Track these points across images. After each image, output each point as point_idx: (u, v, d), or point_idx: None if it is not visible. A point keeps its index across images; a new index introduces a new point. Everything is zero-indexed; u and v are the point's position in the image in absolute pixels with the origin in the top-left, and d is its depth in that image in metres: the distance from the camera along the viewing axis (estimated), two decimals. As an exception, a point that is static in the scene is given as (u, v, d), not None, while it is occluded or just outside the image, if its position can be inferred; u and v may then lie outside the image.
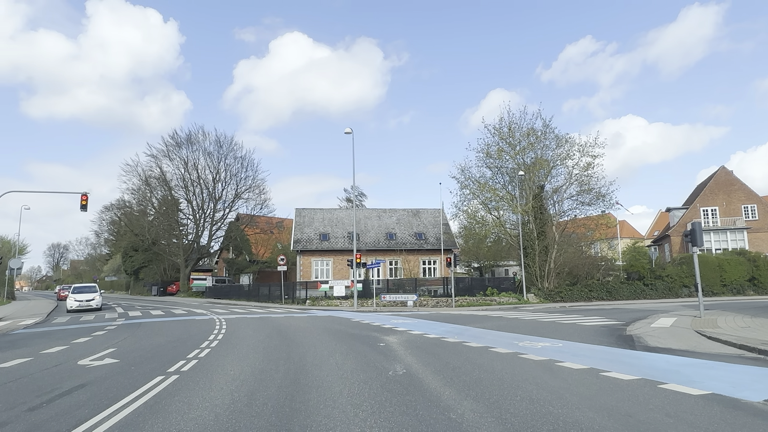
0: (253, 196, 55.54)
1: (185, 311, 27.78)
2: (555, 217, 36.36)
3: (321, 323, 19.46)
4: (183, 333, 16.48)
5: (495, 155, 35.50)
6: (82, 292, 30.05)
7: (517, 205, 33.63)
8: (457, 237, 55.31)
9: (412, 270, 49.80)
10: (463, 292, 32.32)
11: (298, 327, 17.84)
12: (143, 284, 62.94)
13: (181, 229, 55.80)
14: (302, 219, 52.15)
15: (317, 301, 34.52)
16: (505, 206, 35.62)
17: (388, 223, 52.80)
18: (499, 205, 35.60)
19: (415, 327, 17.23)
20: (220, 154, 53.05)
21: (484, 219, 37.33)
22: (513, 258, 59.47)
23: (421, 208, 56.23)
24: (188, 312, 27.12)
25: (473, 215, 37.12)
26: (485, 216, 37.31)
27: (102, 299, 31.48)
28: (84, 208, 27.89)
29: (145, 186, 52.06)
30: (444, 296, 32.44)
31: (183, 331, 17.26)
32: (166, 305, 37.08)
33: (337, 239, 49.60)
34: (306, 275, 47.64)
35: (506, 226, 36.65)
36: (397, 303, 31.06)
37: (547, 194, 36.92)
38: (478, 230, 37.95)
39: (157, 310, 29.09)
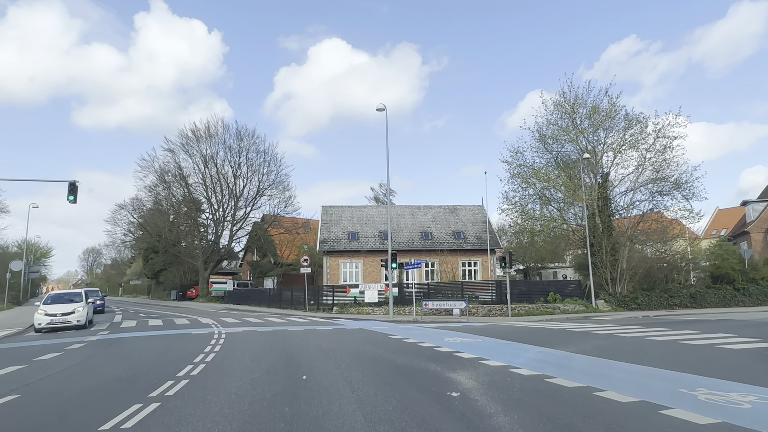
0: (276, 192, 50.85)
1: (188, 321, 22.96)
2: (625, 209, 30.38)
3: (351, 343, 14.22)
4: (155, 360, 11.48)
5: (554, 135, 29.75)
6: (58, 301, 20.45)
7: (582, 194, 27.78)
8: (501, 235, 49.47)
9: (450, 272, 44.43)
10: (517, 298, 26.69)
11: (320, 349, 12.62)
12: (163, 288, 59.09)
13: (201, 230, 51.54)
14: (329, 217, 47.28)
15: (346, 308, 29.40)
16: (565, 196, 29.75)
17: (423, 221, 47.50)
18: (559, 195, 29.77)
19: (484, 351, 11.83)
20: (240, 147, 48.70)
21: (540, 212, 31.51)
22: (563, 259, 53.36)
23: (458, 205, 50.76)
24: (191, 323, 22.28)
25: (525, 208, 31.35)
26: (541, 208, 31.46)
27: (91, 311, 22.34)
28: (73, 197, 23.39)
29: (162, 183, 48.02)
30: (493, 303, 26.86)
31: (159, 355, 12.26)
32: (175, 312, 32.50)
33: (367, 239, 44.51)
34: (333, 278, 42.72)
35: (567, 219, 30.75)
36: (440, 311, 25.70)
37: (612, 184, 31.01)
38: (530, 225, 32.18)
39: (158, 320, 24.37)
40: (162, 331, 18.15)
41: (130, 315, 29.01)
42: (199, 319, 24.98)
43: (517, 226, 33.97)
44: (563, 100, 29.81)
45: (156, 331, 18.48)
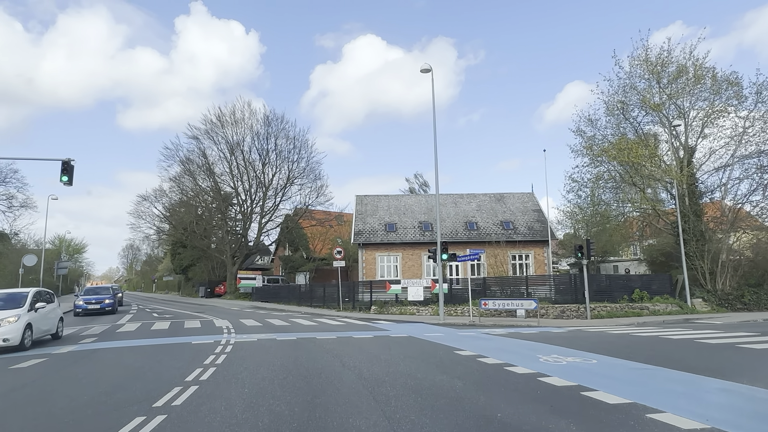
0: (307, 182, 46.80)
1: (199, 325, 18.96)
2: (718, 188, 24.95)
3: (404, 364, 9.73)
4: (101, 398, 7.26)
5: (632, 103, 24.51)
6: None
7: (674, 170, 22.50)
8: (556, 224, 44.16)
9: (498, 266, 39.60)
10: (594, 297, 21.67)
11: (360, 378, 8.22)
12: (192, 284, 56.10)
13: (229, 223, 47.96)
14: (364, 207, 43.04)
15: (386, 308, 25.03)
16: (651, 172, 24.45)
17: (467, 210, 42.76)
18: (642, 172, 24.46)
19: (626, 386, 7.23)
20: (268, 133, 44.82)
21: (615, 194, 26.26)
22: (622, 252, 47.66)
23: (505, 192, 45.79)
24: (201, 327, 18.31)
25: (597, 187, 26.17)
26: (616, 188, 26.20)
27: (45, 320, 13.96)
28: (67, 178, 19.71)
29: (187, 174, 44.65)
30: (565, 302, 21.92)
31: (114, 388, 8.05)
32: (193, 312, 28.80)
33: (406, 230, 40.09)
34: (369, 273, 38.50)
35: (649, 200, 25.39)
36: (501, 312, 21.04)
37: (699, 161, 25.57)
38: (604, 209, 27.03)
39: (166, 323, 20.51)
40: (159, 340, 14.12)
41: (141, 315, 25.41)
42: (214, 321, 21.01)
43: (584, 211, 28.78)
44: (645, 60, 24.45)
45: (153, 339, 14.48)
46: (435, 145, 22.18)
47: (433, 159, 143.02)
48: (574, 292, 21.37)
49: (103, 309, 24.98)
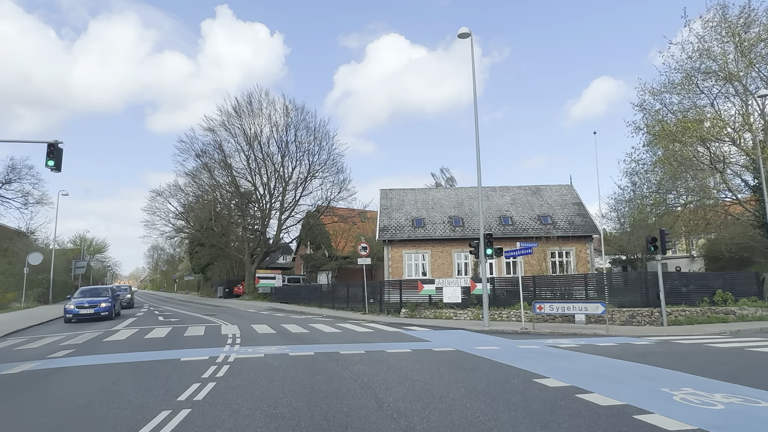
0: (329, 175, 43.78)
1: (202, 333, 15.96)
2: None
3: (468, 403, 6.48)
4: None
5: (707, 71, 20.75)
6: None
7: (761, 149, 18.73)
8: (602, 218, 40.29)
9: (536, 264, 36.15)
10: (666, 299, 18.03)
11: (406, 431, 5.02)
12: (211, 284, 53.71)
13: (247, 219, 45.23)
14: (389, 202, 39.92)
15: (418, 310, 21.84)
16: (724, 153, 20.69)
17: (501, 204, 39.31)
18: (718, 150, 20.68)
19: None
20: (288, 123, 41.94)
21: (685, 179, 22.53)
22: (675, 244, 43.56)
23: (542, 185, 42.18)
24: (204, 335, 15.36)
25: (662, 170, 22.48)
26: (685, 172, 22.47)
27: None
28: (53, 162, 17.02)
29: (204, 168, 42.05)
30: (637, 306, 18.34)
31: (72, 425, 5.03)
32: (204, 315, 26.04)
33: (435, 225, 36.88)
34: (396, 272, 35.41)
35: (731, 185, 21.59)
36: (555, 317, 17.66)
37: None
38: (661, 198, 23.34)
39: (168, 328, 17.69)
40: (145, 355, 11.18)
41: (144, 319, 22.68)
42: (222, 326, 18.07)
43: (645, 199, 25.07)
44: (722, 20, 20.66)
45: (138, 353, 11.55)
46: (476, 122, 18.89)
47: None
48: (644, 293, 17.82)
49: (98, 314, 20.89)
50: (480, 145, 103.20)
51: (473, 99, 18.86)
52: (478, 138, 19.01)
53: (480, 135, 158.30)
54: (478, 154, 18.81)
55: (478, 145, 19.05)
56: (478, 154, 18.90)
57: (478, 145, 19.05)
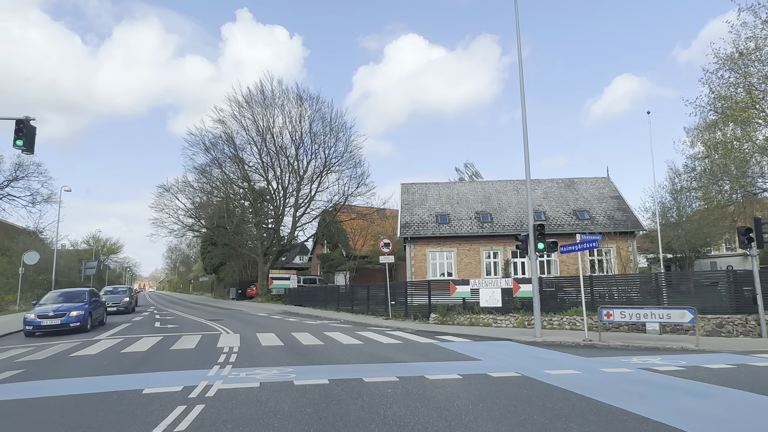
0: (346, 168, 40.70)
1: (193, 345, 12.98)
2: None
3: None
4: None
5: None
6: None
7: None
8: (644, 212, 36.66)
9: (574, 263, 32.90)
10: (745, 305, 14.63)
11: None
12: (224, 285, 51.17)
13: (260, 216, 42.38)
14: (411, 197, 36.89)
15: (450, 316, 18.72)
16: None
17: (532, 198, 35.82)
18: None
19: None
20: (301, 113, 39.01)
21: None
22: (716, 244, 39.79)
23: (576, 177, 38.76)
24: (194, 349, 12.40)
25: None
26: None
27: None
28: (22, 142, 14.31)
29: (214, 163, 39.35)
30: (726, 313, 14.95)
31: None
32: (205, 320, 23.27)
33: (461, 221, 33.74)
34: (419, 272, 32.40)
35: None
36: (621, 325, 14.41)
37: None
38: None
39: (157, 338, 14.82)
40: (103, 379, 8.30)
41: (138, 325, 19.91)
42: (222, 336, 15.14)
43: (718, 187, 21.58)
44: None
45: (100, 376, 8.69)
46: (522, 96, 15.73)
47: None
48: (731, 297, 14.42)
49: (66, 325, 15.83)
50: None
51: (519, 72, 15.73)
52: (524, 110, 15.84)
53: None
54: (525, 129, 15.64)
55: (524, 120, 15.87)
56: (525, 130, 15.73)
57: (524, 119, 15.88)
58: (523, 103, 15.77)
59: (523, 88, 15.79)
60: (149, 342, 13.49)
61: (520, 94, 15.75)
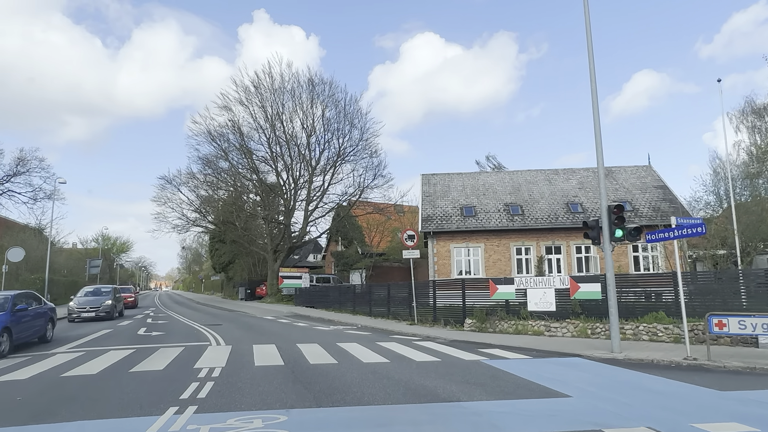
0: (361, 158, 37.31)
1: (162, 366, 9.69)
2: None
3: None
4: None
5: None
6: None
7: None
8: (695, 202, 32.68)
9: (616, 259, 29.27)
10: None
11: None
12: (233, 285, 48.28)
13: (269, 210, 39.12)
14: (432, 188, 33.56)
15: (490, 321, 15.31)
16: None
17: (566, 189, 32.44)
18: None
19: None
20: (313, 97, 35.70)
21: None
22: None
23: (614, 166, 35.10)
24: (159, 371, 9.15)
25: None
26: None
27: None
28: None
29: (220, 153, 36.26)
30: None
31: None
32: (206, 323, 20.16)
33: (489, 214, 30.32)
34: (443, 270, 29.11)
35: None
36: (720, 336, 10.92)
37: None
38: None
39: (121, 353, 11.58)
40: None
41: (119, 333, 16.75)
42: (208, 348, 11.92)
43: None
44: None
45: None
46: (591, 59, 12.28)
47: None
48: None
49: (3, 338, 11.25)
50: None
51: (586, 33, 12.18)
52: (593, 70, 12.41)
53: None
54: (594, 91, 12.21)
55: (594, 82, 12.43)
56: (594, 92, 12.30)
57: (594, 82, 12.44)
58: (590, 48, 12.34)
59: (590, 35, 12.35)
60: (112, 358, 10.34)
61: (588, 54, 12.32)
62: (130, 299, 28.92)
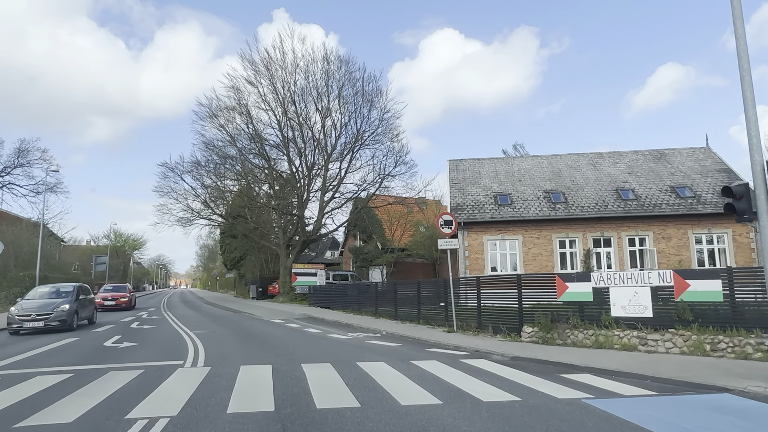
0: (381, 143, 33.61)
1: (87, 407, 6.27)
2: None
3: None
4: None
5: None
6: None
7: None
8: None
9: (675, 252, 25.54)
10: None
11: None
12: (245, 282, 45.08)
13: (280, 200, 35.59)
14: (461, 174, 29.87)
15: (558, 330, 11.53)
16: None
17: (614, 174, 28.52)
18: None
19: None
20: (329, 74, 31.98)
21: None
22: None
23: (667, 149, 31.08)
24: (82, 415, 5.56)
25: None
26: None
27: None
28: None
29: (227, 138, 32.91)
30: None
31: None
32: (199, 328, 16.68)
33: (527, 203, 26.57)
34: (475, 265, 25.53)
35: None
36: None
37: None
38: None
39: (62, 375, 8.16)
40: None
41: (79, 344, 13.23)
42: (176, 373, 8.34)
43: None
44: None
45: None
46: None
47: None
48: None
49: None
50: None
51: None
52: None
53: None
54: None
55: None
56: None
57: None
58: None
59: None
60: (23, 392, 6.83)
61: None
62: (124, 300, 25.74)
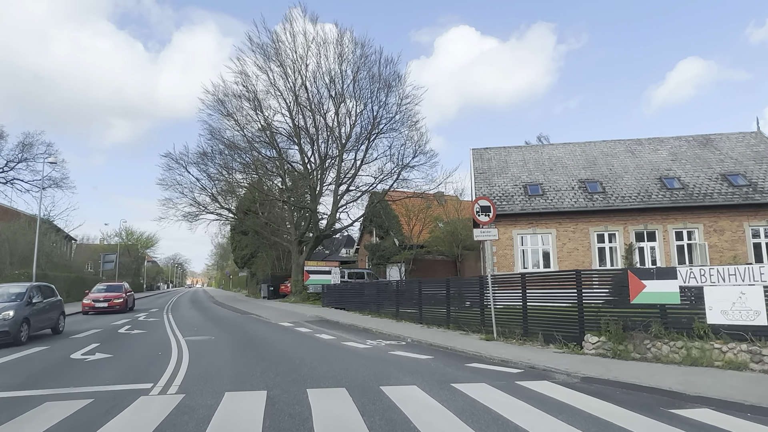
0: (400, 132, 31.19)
1: None
2: None
3: None
4: None
5: None
6: None
7: None
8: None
9: (730, 247, 22.93)
10: None
11: None
12: (256, 281, 43.13)
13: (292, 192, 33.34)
14: (486, 164, 27.46)
15: (633, 341, 9.06)
16: None
17: (656, 161, 25.85)
18: None
19: None
20: (342, 57, 29.64)
21: None
22: None
23: (713, 134, 28.31)
24: None
25: None
26: None
27: None
28: None
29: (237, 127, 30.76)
30: None
31: None
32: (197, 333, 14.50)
33: (561, 193, 24.06)
34: (504, 262, 23.17)
35: None
36: None
37: None
38: None
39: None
40: None
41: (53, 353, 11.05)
42: (152, 392, 6.11)
43: None
44: None
45: None
46: None
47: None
48: None
49: None
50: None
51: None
52: None
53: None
54: None
55: None
56: None
57: None
58: None
59: None
60: None
61: None
62: (118, 301, 23.74)
